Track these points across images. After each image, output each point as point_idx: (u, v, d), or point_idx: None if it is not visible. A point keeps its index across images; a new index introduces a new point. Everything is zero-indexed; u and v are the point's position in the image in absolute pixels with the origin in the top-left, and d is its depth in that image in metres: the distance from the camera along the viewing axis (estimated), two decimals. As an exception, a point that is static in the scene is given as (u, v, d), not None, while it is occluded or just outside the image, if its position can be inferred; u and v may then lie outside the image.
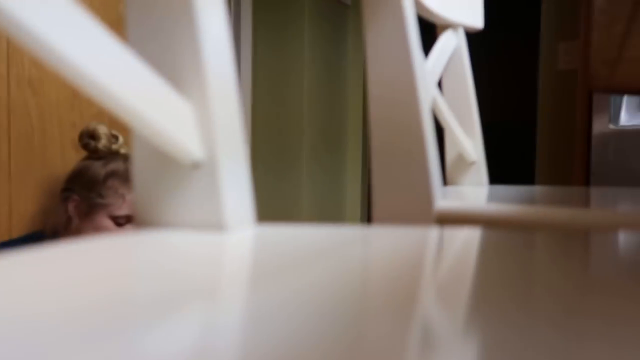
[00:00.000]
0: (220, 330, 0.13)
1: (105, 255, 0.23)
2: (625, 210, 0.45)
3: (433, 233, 0.29)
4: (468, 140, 0.75)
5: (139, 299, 0.16)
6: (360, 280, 0.18)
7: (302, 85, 2.14)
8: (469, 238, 0.28)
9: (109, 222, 1.15)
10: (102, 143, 1.20)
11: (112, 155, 1.20)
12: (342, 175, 2.45)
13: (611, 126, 1.83)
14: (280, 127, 2.16)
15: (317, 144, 2.24)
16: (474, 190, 0.67)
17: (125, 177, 1.16)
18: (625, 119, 1.87)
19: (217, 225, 0.28)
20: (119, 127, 1.30)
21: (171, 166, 0.29)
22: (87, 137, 1.21)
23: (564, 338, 0.12)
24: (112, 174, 1.16)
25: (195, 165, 0.29)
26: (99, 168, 1.16)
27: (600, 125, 1.84)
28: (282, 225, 0.31)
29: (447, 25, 0.75)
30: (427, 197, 0.47)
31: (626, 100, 1.88)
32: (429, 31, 0.77)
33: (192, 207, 0.29)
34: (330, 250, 0.23)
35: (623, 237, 0.30)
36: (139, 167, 0.30)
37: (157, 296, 0.16)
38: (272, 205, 2.16)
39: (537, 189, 0.71)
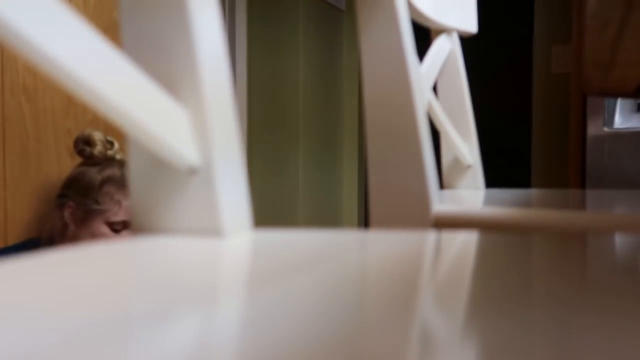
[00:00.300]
0: (218, 336, 0.13)
1: (102, 262, 0.22)
2: (621, 213, 0.45)
3: (430, 237, 0.29)
4: (464, 144, 0.75)
5: (136, 305, 0.16)
6: (358, 285, 0.18)
7: (298, 89, 2.14)
8: (466, 242, 0.28)
9: (105, 229, 1.15)
10: (98, 149, 1.20)
11: (107, 161, 1.19)
12: (339, 179, 2.45)
13: (605, 129, 1.84)
14: (276, 131, 2.16)
15: (313, 148, 2.24)
16: (470, 194, 0.68)
17: (121, 183, 1.15)
18: (620, 121, 1.88)
19: (214, 230, 0.28)
20: (115, 133, 1.30)
21: (167, 172, 0.29)
22: (83, 144, 1.20)
23: (561, 339, 0.12)
24: (108, 180, 1.15)
25: (192, 171, 0.29)
26: (94, 174, 1.16)
27: (594, 128, 1.85)
28: (279, 230, 0.31)
29: (441, 30, 0.75)
30: (424, 201, 0.47)
31: (620, 103, 1.89)
32: (424, 36, 0.77)
33: (189, 212, 0.29)
34: (328, 254, 0.23)
35: (619, 240, 0.30)
36: (135, 173, 0.30)
37: (155, 303, 0.16)
38: (269, 209, 2.15)
39: (533, 192, 0.71)
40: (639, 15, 0.43)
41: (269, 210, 2.15)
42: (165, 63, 0.29)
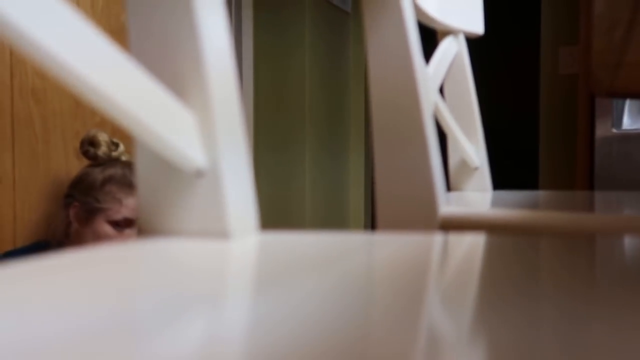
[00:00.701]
0: (225, 338, 0.13)
1: (111, 263, 0.23)
2: (630, 215, 0.45)
3: (437, 239, 0.29)
4: (471, 146, 0.75)
5: (144, 306, 0.16)
6: (365, 287, 0.18)
7: (304, 92, 2.14)
8: (473, 244, 0.28)
9: (107, 227, 1.16)
10: (102, 150, 1.21)
11: (111, 161, 1.20)
12: (346, 182, 2.45)
13: (614, 130, 1.83)
14: (282, 134, 2.17)
15: (320, 150, 2.24)
16: (477, 196, 0.67)
17: (122, 182, 1.16)
18: (628, 123, 1.86)
19: (220, 232, 0.28)
20: (122, 135, 1.31)
21: (174, 174, 0.29)
22: (87, 144, 1.22)
23: (569, 343, 0.12)
24: (109, 179, 1.17)
25: (199, 173, 0.29)
26: (97, 174, 1.17)
27: (603, 130, 1.83)
28: (286, 232, 0.31)
29: (447, 32, 0.75)
30: (431, 203, 0.47)
31: (628, 105, 1.88)
32: (430, 38, 0.77)
33: (196, 214, 0.29)
34: (334, 257, 0.23)
35: (628, 242, 0.30)
36: (142, 175, 0.30)
37: (162, 305, 0.16)
38: (275, 211, 2.16)
39: (540, 194, 0.71)
40: (647, 15, 0.43)
41: (276, 212, 2.16)
42: (172, 66, 0.29)
